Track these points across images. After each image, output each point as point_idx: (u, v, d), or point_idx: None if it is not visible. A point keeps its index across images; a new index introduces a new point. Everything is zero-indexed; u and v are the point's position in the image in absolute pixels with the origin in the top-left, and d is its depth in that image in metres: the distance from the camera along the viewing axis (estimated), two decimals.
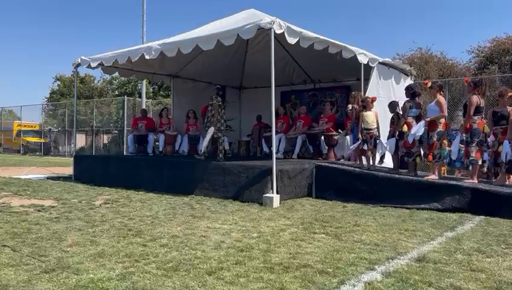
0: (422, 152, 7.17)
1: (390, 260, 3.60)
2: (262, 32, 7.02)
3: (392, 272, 3.26)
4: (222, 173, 7.31)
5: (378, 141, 7.66)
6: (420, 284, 3.02)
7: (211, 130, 8.66)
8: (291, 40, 6.96)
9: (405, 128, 7.17)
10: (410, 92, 7.46)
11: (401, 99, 8.36)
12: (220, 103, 8.67)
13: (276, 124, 9.66)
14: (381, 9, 52.15)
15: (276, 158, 6.97)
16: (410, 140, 6.95)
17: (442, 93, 7.11)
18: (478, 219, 5.61)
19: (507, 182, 6.61)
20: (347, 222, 5.23)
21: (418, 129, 6.85)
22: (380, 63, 8.79)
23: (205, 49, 7.61)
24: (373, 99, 7.73)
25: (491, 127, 6.82)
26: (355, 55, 8.35)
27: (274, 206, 6.37)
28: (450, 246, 4.14)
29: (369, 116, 7.62)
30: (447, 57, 18.48)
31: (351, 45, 8.39)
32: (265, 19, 6.73)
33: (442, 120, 6.87)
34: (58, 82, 37.73)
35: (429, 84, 7.44)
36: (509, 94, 6.77)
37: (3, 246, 3.88)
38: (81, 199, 6.97)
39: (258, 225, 5.01)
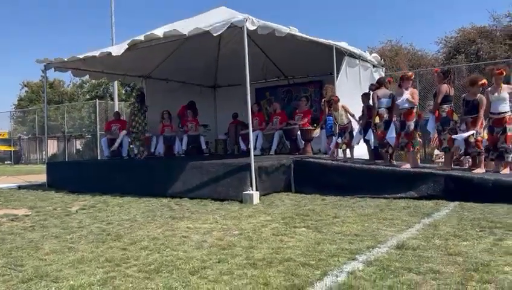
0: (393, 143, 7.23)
1: (371, 249, 3.66)
2: (234, 29, 7.00)
3: (373, 261, 3.32)
4: (200, 172, 7.26)
5: (354, 133, 7.75)
6: (401, 270, 3.08)
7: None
8: (264, 32, 7.01)
9: (377, 119, 7.25)
10: (382, 83, 7.56)
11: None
12: (137, 109, 9.74)
13: (252, 121, 9.68)
14: (351, 2, 52.76)
15: (254, 155, 6.97)
16: (391, 140, 7.04)
17: (413, 82, 7.13)
18: (453, 204, 5.76)
19: (502, 171, 6.43)
20: (327, 215, 5.29)
21: (390, 131, 7.00)
22: (349, 55, 8.90)
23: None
24: (335, 100, 7.74)
25: (462, 115, 6.78)
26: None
27: (254, 203, 6.38)
28: (427, 232, 4.23)
29: (338, 115, 7.74)
30: (416, 48, 18.91)
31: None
32: (237, 16, 6.71)
33: (415, 110, 6.94)
34: (26, 88, 36.70)
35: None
36: (481, 82, 6.61)
37: None
38: (56, 206, 6.80)
39: (239, 223, 5.00)
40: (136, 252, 3.79)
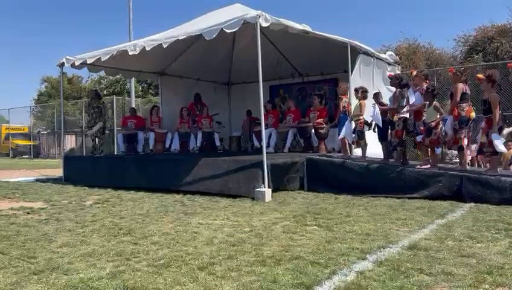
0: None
1: (382, 249, 3.61)
2: (248, 26, 6.98)
3: (383, 261, 3.27)
4: (213, 168, 7.28)
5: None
6: (411, 271, 3.03)
7: (98, 125, 10.41)
8: (277, 28, 7.02)
9: (395, 118, 7.12)
10: (400, 82, 7.44)
11: (385, 89, 8.40)
12: (105, 108, 10.66)
13: (266, 119, 9.67)
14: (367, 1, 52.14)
15: (267, 152, 6.95)
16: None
17: (428, 82, 7.05)
18: (468, 205, 5.65)
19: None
20: (339, 213, 5.24)
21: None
22: (363, 53, 8.80)
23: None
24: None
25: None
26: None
27: (266, 201, 6.36)
28: (441, 233, 4.16)
29: (357, 106, 7.66)
30: (435, 46, 18.56)
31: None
32: (251, 12, 6.70)
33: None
34: (46, 83, 37.30)
35: (414, 73, 7.37)
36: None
37: None
38: (71, 199, 6.90)
39: (250, 220, 4.99)
40: (147, 247, 3.82)
